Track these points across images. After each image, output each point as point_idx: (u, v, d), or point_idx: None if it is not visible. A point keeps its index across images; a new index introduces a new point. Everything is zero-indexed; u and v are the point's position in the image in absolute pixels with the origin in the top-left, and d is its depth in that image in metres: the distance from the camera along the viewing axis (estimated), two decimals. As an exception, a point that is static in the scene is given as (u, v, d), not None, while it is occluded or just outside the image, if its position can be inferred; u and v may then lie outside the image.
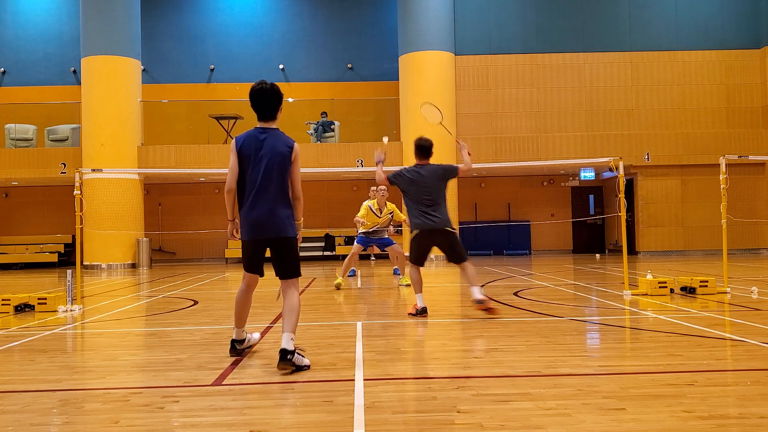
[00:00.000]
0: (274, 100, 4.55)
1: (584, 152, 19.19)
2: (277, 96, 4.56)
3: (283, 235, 4.51)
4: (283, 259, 4.55)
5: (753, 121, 19.99)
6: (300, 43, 21.82)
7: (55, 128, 19.45)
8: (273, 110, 4.57)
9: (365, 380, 3.93)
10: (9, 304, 7.81)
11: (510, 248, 21.29)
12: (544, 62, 19.90)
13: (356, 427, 3.03)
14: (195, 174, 19.45)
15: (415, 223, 6.91)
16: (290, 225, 4.55)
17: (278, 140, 4.52)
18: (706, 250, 19.56)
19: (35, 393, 3.83)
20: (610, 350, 4.99)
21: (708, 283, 8.28)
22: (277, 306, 8.04)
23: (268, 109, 4.54)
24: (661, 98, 19.93)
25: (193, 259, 21.30)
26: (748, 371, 4.08)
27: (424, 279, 7.36)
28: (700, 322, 6.00)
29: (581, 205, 22.15)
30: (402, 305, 8.33)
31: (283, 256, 4.56)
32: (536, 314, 6.81)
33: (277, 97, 4.56)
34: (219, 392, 3.78)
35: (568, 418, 3.10)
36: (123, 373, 4.49)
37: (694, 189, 19.83)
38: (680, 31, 20.04)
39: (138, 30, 18.97)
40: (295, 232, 4.59)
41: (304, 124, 19.86)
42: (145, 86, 19.95)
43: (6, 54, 21.40)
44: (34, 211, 21.24)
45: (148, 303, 9.08)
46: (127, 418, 3.32)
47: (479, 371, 4.21)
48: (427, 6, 18.63)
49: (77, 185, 8.13)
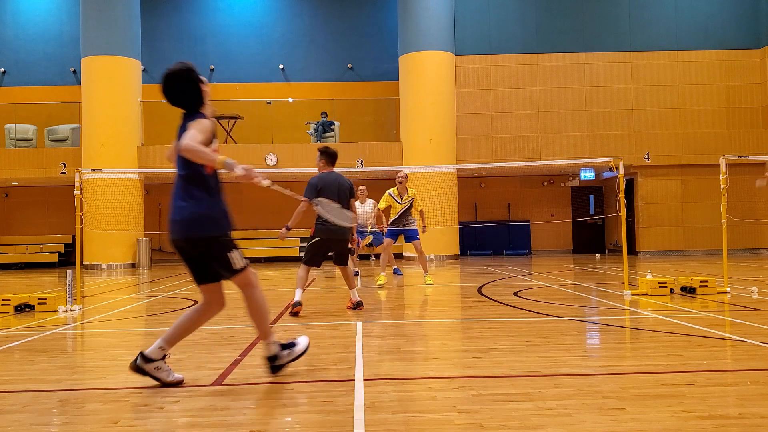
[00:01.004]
0: (175, 91, 3.86)
1: (584, 152, 19.19)
2: (176, 87, 3.85)
3: (186, 236, 3.79)
4: (203, 263, 3.86)
5: (753, 121, 19.99)
6: (300, 43, 21.82)
7: (55, 128, 19.45)
8: (178, 102, 3.89)
9: (365, 380, 3.93)
10: (9, 304, 7.81)
11: (510, 248, 21.29)
12: (544, 62, 19.90)
13: (356, 427, 3.03)
14: (195, 174, 19.41)
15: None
16: (194, 222, 3.77)
17: (184, 124, 3.85)
18: (706, 250, 19.56)
19: (35, 393, 3.83)
20: (610, 350, 4.99)
21: (708, 283, 8.28)
22: (276, 306, 8.04)
23: (172, 101, 3.90)
24: (661, 98, 19.93)
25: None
26: (748, 371, 4.07)
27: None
28: (700, 322, 6.00)
29: (581, 205, 22.16)
30: (402, 305, 8.34)
31: (200, 260, 3.85)
32: (536, 314, 6.81)
33: (176, 88, 3.85)
34: (219, 392, 3.78)
35: (568, 418, 3.10)
36: (123, 373, 4.48)
37: (694, 189, 19.83)
38: (680, 31, 20.04)
39: (138, 30, 18.97)
40: (204, 230, 3.76)
41: (304, 124, 19.87)
42: (145, 86, 19.94)
43: (6, 54, 21.39)
44: (34, 211, 21.24)
45: (148, 303, 9.08)
46: (127, 418, 3.32)
47: (479, 371, 4.21)
48: (427, 6, 18.63)
49: (77, 185, 8.13)
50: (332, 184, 7.19)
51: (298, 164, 18.55)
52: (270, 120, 20.33)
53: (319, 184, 7.16)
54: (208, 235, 3.78)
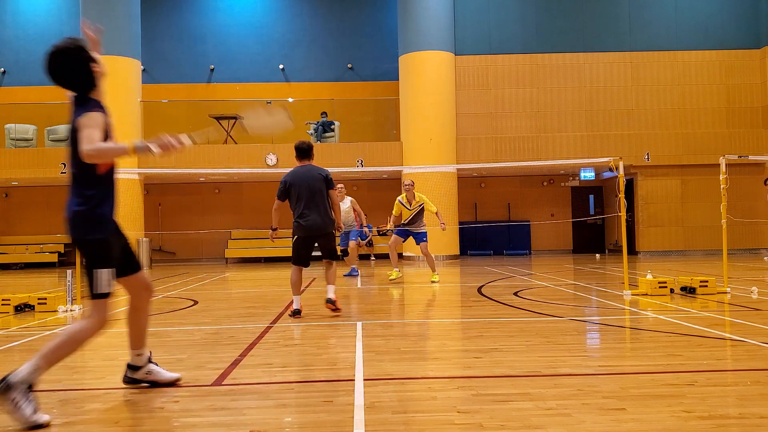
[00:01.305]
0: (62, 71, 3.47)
1: (584, 152, 19.19)
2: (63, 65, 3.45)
3: (69, 235, 3.50)
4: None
5: (753, 121, 19.99)
6: (300, 43, 21.82)
7: (55, 128, 19.44)
8: (65, 83, 3.52)
9: (365, 380, 3.93)
10: (9, 304, 7.81)
11: (510, 248, 21.29)
12: (544, 62, 19.89)
13: (356, 427, 3.03)
14: (195, 174, 19.45)
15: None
16: (73, 221, 3.47)
17: (75, 112, 3.50)
18: (706, 250, 19.56)
19: (35, 393, 3.82)
20: (610, 350, 4.99)
21: (708, 283, 8.28)
22: (276, 306, 8.04)
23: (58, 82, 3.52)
24: (661, 98, 19.93)
25: (193, 259, 21.29)
26: (748, 371, 4.07)
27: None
28: (700, 322, 6.00)
29: (581, 205, 22.15)
30: (402, 305, 8.34)
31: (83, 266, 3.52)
32: (536, 314, 6.81)
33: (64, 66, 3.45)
34: (219, 392, 3.78)
35: (568, 418, 3.10)
36: (123, 373, 4.48)
37: (694, 189, 19.83)
38: (680, 31, 20.03)
39: (138, 30, 18.97)
40: (82, 233, 3.44)
41: (304, 124, 19.87)
42: (145, 86, 19.95)
43: (6, 54, 21.39)
44: (34, 211, 21.23)
45: (148, 303, 9.06)
46: (127, 418, 3.32)
47: (479, 371, 4.21)
48: (427, 6, 18.63)
49: (77, 185, 8.11)
50: (302, 177, 6.97)
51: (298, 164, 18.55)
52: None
53: (289, 179, 7.02)
54: (82, 237, 3.46)
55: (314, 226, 6.92)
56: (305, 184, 6.95)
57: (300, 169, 7.08)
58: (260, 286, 11.67)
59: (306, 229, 6.93)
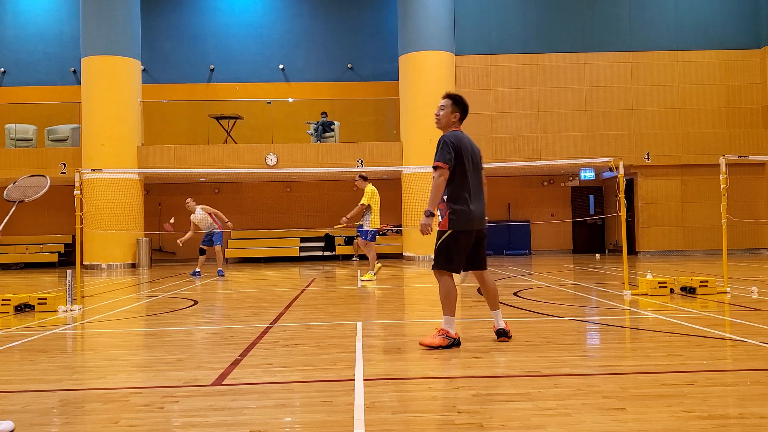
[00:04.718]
0: None
1: (584, 152, 19.19)
2: None
3: None
4: None
5: (753, 121, 19.99)
6: (300, 43, 21.82)
7: (55, 128, 19.45)
8: None
9: (365, 380, 3.93)
10: (9, 304, 7.81)
11: (510, 248, 21.29)
12: (544, 62, 19.89)
13: (356, 427, 3.03)
14: (195, 174, 19.45)
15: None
16: None
17: None
18: (706, 250, 19.56)
19: (35, 393, 3.83)
20: (610, 350, 4.99)
21: (708, 283, 8.28)
22: (276, 306, 8.04)
23: None
24: (661, 98, 19.92)
25: (193, 259, 21.24)
26: (748, 371, 4.07)
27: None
28: (700, 322, 6.00)
29: (581, 205, 22.15)
30: (402, 305, 8.33)
31: None
32: (536, 314, 6.81)
33: None
34: (219, 392, 3.78)
35: (568, 418, 3.10)
36: (123, 373, 4.49)
37: (694, 189, 19.82)
38: (680, 31, 20.03)
39: (138, 30, 18.97)
40: None
41: (304, 124, 19.87)
42: (145, 86, 19.95)
43: (6, 54, 21.39)
44: (34, 211, 21.22)
45: (148, 303, 9.08)
46: (127, 418, 3.32)
47: (479, 371, 4.20)
48: (427, 6, 18.63)
49: (77, 185, 8.13)
50: (470, 144, 5.08)
51: (297, 164, 18.57)
52: (270, 120, 20.33)
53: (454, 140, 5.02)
54: None
55: (482, 218, 5.02)
56: (477, 157, 5.09)
57: (463, 135, 5.09)
58: (260, 286, 11.67)
59: (475, 221, 4.96)
